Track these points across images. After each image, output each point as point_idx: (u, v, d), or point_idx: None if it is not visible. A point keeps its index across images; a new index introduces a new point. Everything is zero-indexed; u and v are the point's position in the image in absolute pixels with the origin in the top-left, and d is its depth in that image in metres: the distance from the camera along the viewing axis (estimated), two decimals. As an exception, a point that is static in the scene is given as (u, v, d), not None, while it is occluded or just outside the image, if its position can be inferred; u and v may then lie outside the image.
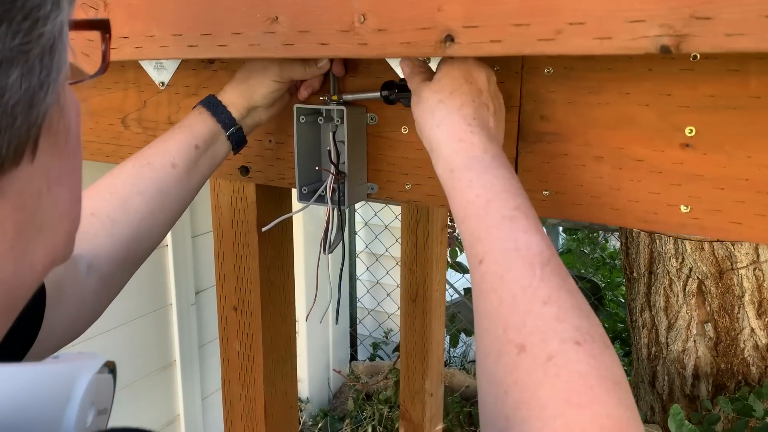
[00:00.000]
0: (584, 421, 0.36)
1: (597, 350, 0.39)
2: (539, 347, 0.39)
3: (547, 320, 0.40)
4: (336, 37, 0.51)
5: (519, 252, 0.44)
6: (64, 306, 0.53)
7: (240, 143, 0.72)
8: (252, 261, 0.98)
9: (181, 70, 0.90)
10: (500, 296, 0.43)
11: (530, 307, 0.41)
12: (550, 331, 0.40)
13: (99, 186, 0.62)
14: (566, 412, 0.36)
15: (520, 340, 0.40)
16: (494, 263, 0.45)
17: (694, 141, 0.60)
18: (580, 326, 0.40)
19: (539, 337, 0.40)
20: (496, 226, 0.46)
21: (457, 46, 0.47)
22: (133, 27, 0.64)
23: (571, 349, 0.39)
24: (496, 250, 0.45)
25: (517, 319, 0.41)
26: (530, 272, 0.43)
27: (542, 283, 0.42)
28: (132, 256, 0.62)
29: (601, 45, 0.41)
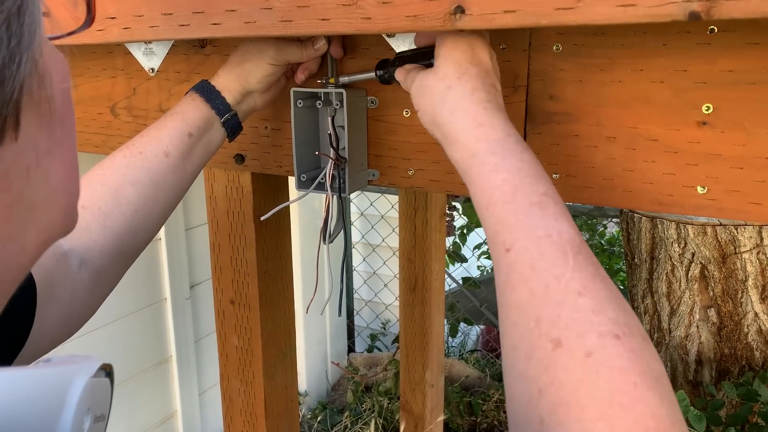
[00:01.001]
0: (628, 423, 0.33)
1: (636, 344, 0.36)
2: (576, 342, 0.36)
3: (583, 313, 0.37)
4: (337, 11, 0.48)
5: (550, 239, 0.41)
6: (56, 303, 0.51)
7: (235, 130, 0.69)
8: (249, 252, 0.95)
9: (172, 56, 0.87)
10: (531, 287, 0.40)
11: (564, 298, 0.38)
12: (587, 324, 0.37)
13: (89, 177, 0.59)
14: (609, 413, 0.33)
15: (555, 335, 0.37)
16: (524, 251, 0.41)
17: (711, 118, 0.57)
18: (617, 319, 0.37)
19: (576, 331, 0.37)
20: (525, 212, 0.43)
21: (468, 18, 0.44)
22: (120, 6, 0.60)
23: (610, 343, 0.36)
24: (525, 237, 0.42)
25: (551, 311, 0.38)
26: (563, 260, 0.40)
27: (575, 273, 0.39)
28: (126, 249, 0.59)
29: (625, 12, 0.39)
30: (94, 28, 0.63)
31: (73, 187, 0.31)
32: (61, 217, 0.31)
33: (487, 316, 2.51)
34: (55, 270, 0.51)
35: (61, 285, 0.51)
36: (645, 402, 0.33)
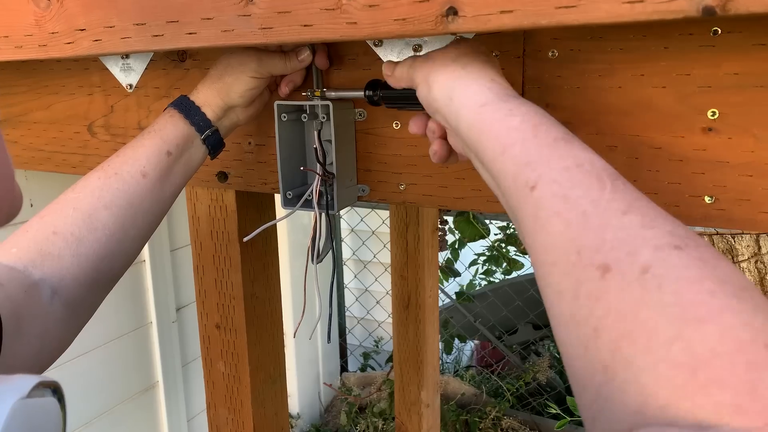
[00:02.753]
0: (712, 339, 0.26)
1: (707, 254, 0.30)
2: (628, 261, 0.30)
3: (632, 230, 0.31)
4: (321, 16, 0.45)
5: (582, 167, 0.36)
6: (26, 338, 0.46)
7: (217, 147, 0.66)
8: (234, 275, 0.91)
9: (150, 71, 0.83)
10: (566, 218, 0.34)
11: (607, 220, 0.32)
12: (638, 239, 0.31)
13: (61, 201, 0.55)
14: (684, 331, 0.27)
15: (601, 260, 0.31)
16: (552, 183, 0.36)
17: (717, 124, 0.54)
18: (675, 231, 0.31)
19: (625, 249, 0.30)
20: (550, 145, 0.38)
21: (461, 20, 0.41)
22: (90, 17, 0.57)
23: (671, 254, 0.29)
24: (553, 169, 0.37)
25: (593, 236, 0.32)
26: (599, 186, 0.34)
27: (616, 194, 0.33)
28: (102, 277, 0.55)
29: (632, 9, 0.36)
30: (62, 41, 0.60)
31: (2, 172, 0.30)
32: None
33: (482, 331, 2.47)
34: (23, 302, 0.47)
35: (30, 318, 0.47)
36: (731, 310, 0.27)
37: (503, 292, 2.40)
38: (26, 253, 0.50)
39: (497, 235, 2.25)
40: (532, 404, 2.37)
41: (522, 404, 2.40)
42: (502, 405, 2.28)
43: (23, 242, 0.51)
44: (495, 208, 0.66)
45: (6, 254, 0.49)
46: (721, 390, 0.25)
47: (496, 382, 2.46)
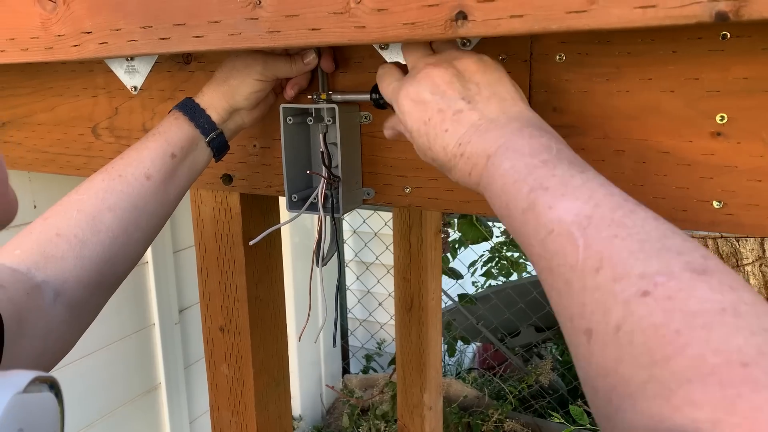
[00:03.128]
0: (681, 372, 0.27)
1: (677, 286, 0.31)
2: (604, 323, 0.32)
3: (605, 287, 0.33)
4: (329, 20, 0.45)
5: (552, 233, 0.37)
6: (28, 340, 0.46)
7: (222, 149, 0.66)
8: (238, 277, 0.90)
9: (155, 73, 0.83)
10: (557, 289, 0.36)
11: (584, 283, 0.34)
12: (610, 298, 0.32)
13: (65, 203, 0.55)
14: (654, 372, 0.28)
15: (585, 325, 0.33)
16: (540, 258, 0.38)
17: (726, 129, 0.54)
18: (645, 272, 0.32)
19: (601, 311, 0.33)
20: (522, 222, 0.40)
21: (471, 24, 0.40)
22: (96, 20, 0.57)
23: (637, 305, 0.31)
24: (534, 245, 0.39)
25: (577, 303, 0.34)
26: (573, 246, 0.36)
27: (588, 250, 0.35)
28: (105, 279, 0.55)
29: (644, 15, 0.35)
30: (68, 44, 0.60)
31: None
32: None
33: (485, 333, 2.46)
34: (26, 304, 0.46)
35: (33, 320, 0.47)
36: (698, 341, 0.28)
37: (506, 295, 2.39)
38: (29, 255, 0.50)
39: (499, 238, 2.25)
40: (534, 407, 2.37)
41: (524, 407, 2.40)
42: (505, 407, 2.28)
43: (27, 244, 0.51)
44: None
45: (9, 256, 0.49)
46: (696, 410, 0.26)
47: (499, 384, 2.46)
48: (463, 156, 0.47)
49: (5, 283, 0.46)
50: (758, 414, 0.24)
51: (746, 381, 0.25)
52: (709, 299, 0.30)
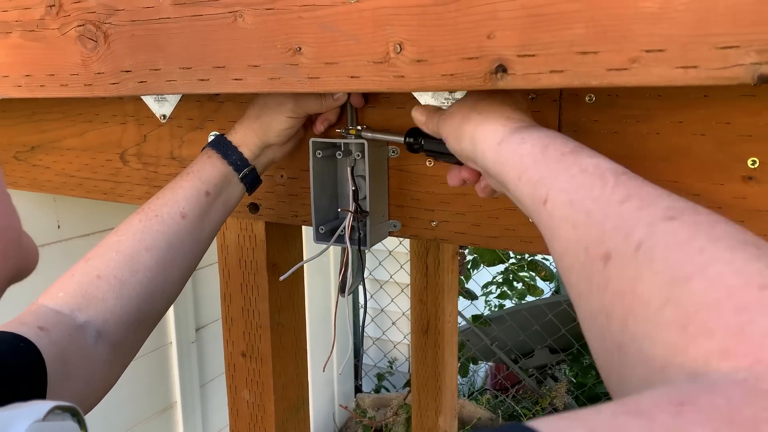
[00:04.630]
0: (698, 292, 0.27)
1: (704, 218, 0.31)
2: (623, 244, 0.31)
3: (628, 214, 0.33)
4: (368, 69, 0.46)
5: (586, 172, 0.38)
6: (71, 381, 0.47)
7: (254, 184, 0.67)
8: (261, 303, 0.91)
9: (184, 102, 0.85)
10: (573, 221, 0.36)
11: (606, 213, 0.34)
12: (633, 221, 0.32)
13: (105, 245, 0.57)
14: (672, 293, 0.28)
15: (603, 250, 0.33)
16: (560, 193, 0.38)
17: (757, 173, 0.54)
18: (673, 205, 0.32)
19: (621, 234, 0.32)
20: (558, 160, 0.40)
21: (511, 77, 0.41)
22: (135, 59, 0.58)
23: (663, 226, 0.31)
24: (560, 180, 0.39)
25: (596, 231, 0.34)
26: (602, 183, 0.36)
27: (617, 188, 0.35)
28: (144, 317, 0.56)
29: (685, 75, 0.36)
30: (107, 81, 0.61)
31: (3, 223, 0.30)
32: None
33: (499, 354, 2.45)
34: (69, 346, 0.48)
35: (76, 361, 0.48)
36: (721, 261, 0.27)
37: (520, 316, 2.38)
38: (72, 298, 0.51)
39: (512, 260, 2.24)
40: (548, 430, 2.34)
41: (538, 429, 2.37)
42: (518, 430, 2.25)
43: (69, 286, 0.52)
44: (528, 248, 0.66)
45: (53, 299, 0.51)
46: (708, 338, 0.25)
47: (512, 406, 2.44)
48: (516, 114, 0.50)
49: (49, 326, 0.47)
50: (766, 340, 0.24)
51: (761, 305, 0.25)
52: (734, 231, 0.30)
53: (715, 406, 0.22)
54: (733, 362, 0.24)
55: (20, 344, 0.44)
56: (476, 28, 0.41)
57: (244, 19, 0.50)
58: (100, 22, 0.59)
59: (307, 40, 0.48)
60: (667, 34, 0.36)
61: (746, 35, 0.34)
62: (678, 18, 0.35)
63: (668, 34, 0.36)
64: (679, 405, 0.22)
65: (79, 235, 1.35)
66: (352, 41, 0.46)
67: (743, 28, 0.34)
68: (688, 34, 0.36)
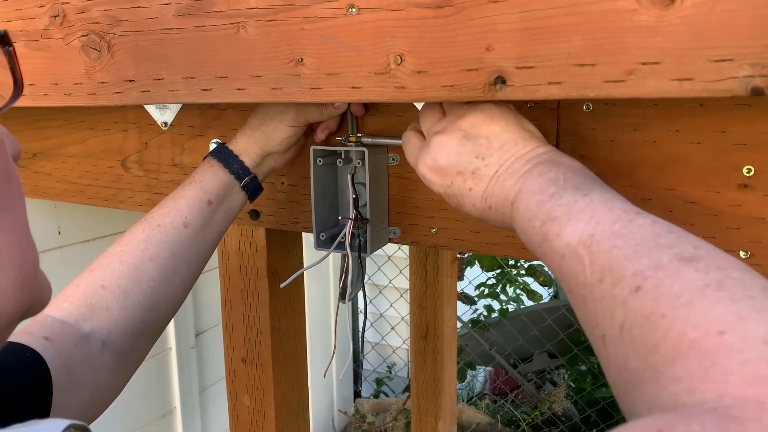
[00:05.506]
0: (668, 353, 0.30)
1: (664, 274, 0.33)
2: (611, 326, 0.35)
3: (608, 294, 0.36)
4: (369, 79, 0.47)
5: (564, 259, 0.40)
6: (77, 390, 0.48)
7: (256, 192, 0.68)
8: (262, 309, 0.92)
9: (186, 110, 0.85)
10: (577, 306, 0.40)
11: (593, 295, 0.38)
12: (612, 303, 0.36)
13: (108, 255, 0.57)
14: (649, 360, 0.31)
15: (600, 332, 0.37)
16: (563, 283, 0.42)
17: (753, 181, 0.55)
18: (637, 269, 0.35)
19: (609, 315, 0.36)
20: (540, 251, 0.44)
21: (510, 89, 0.42)
22: (139, 69, 0.59)
23: (632, 301, 0.34)
24: (555, 272, 0.42)
25: (591, 314, 0.38)
26: (581, 267, 0.39)
27: (593, 266, 0.38)
28: (148, 326, 0.57)
29: (680, 87, 0.37)
30: (111, 91, 0.62)
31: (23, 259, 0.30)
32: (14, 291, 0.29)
33: (497, 359, 2.45)
34: (74, 355, 0.48)
35: (81, 371, 0.49)
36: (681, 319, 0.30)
37: (519, 321, 2.39)
38: (77, 308, 0.52)
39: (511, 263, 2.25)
40: (547, 435, 2.34)
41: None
42: (518, 435, 2.26)
43: (74, 297, 0.53)
44: (527, 255, 0.67)
45: (58, 309, 0.51)
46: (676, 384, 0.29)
47: (511, 411, 2.44)
48: (491, 208, 0.50)
49: (54, 336, 0.47)
50: (729, 377, 0.27)
51: (721, 349, 0.28)
52: (693, 279, 0.33)
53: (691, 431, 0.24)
54: (698, 397, 0.27)
55: (26, 355, 0.45)
56: (476, 41, 0.42)
57: (246, 31, 0.51)
58: (104, 33, 0.59)
59: (308, 51, 0.49)
60: (662, 47, 0.37)
61: (740, 49, 0.35)
62: (673, 32, 0.36)
63: (664, 47, 0.37)
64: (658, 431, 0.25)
65: (79, 241, 1.36)
66: (354, 52, 0.47)
67: (737, 42, 0.35)
68: (683, 47, 0.36)
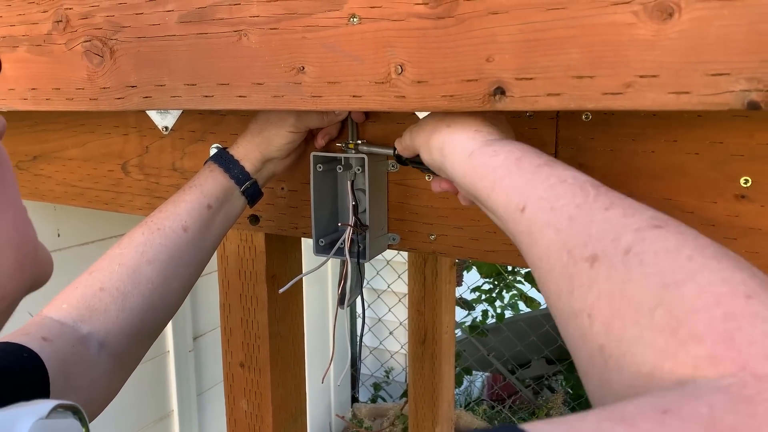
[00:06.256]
0: (690, 298, 0.27)
1: (687, 230, 0.32)
2: (612, 247, 0.32)
3: (614, 220, 0.34)
4: (370, 89, 0.47)
5: (565, 182, 0.39)
6: (74, 391, 0.48)
7: (255, 197, 0.68)
8: (260, 314, 0.92)
9: (186, 115, 0.86)
10: (555, 226, 0.37)
11: (591, 217, 0.35)
12: (620, 227, 0.33)
13: (108, 257, 0.58)
14: (664, 297, 0.28)
15: (589, 252, 0.33)
16: (539, 200, 0.39)
17: (750, 192, 0.55)
18: (656, 216, 0.33)
19: (609, 238, 0.33)
20: (533, 171, 0.41)
21: (509, 99, 0.42)
22: (141, 75, 0.59)
23: (651, 233, 0.31)
24: (538, 189, 0.40)
25: (580, 234, 0.35)
26: (583, 193, 0.37)
27: (599, 197, 0.36)
28: (146, 328, 0.57)
29: (677, 100, 0.37)
30: (113, 96, 0.62)
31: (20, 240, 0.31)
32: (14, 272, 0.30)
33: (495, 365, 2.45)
34: (71, 357, 0.49)
35: (78, 372, 0.49)
36: (709, 269, 0.28)
37: (517, 327, 2.39)
38: (75, 309, 0.52)
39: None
40: (544, 441, 2.34)
41: (534, 440, 2.37)
42: (515, 441, 2.25)
43: (73, 299, 0.53)
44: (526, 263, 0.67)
45: (57, 310, 0.52)
46: (698, 344, 0.26)
47: (508, 416, 2.44)
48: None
49: (52, 336, 0.48)
50: (752, 348, 0.25)
51: (747, 313, 0.26)
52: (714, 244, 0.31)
53: (698, 414, 0.23)
54: (720, 369, 0.25)
55: (24, 354, 0.45)
56: (476, 52, 0.42)
57: (248, 38, 0.51)
58: (106, 39, 0.60)
59: (310, 60, 0.49)
60: (660, 60, 0.37)
61: (736, 63, 0.35)
62: (671, 46, 0.37)
63: (661, 60, 0.37)
64: (663, 413, 0.23)
65: (78, 244, 1.36)
66: (354, 62, 0.47)
67: (733, 57, 0.35)
68: (680, 61, 0.37)
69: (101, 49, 0.60)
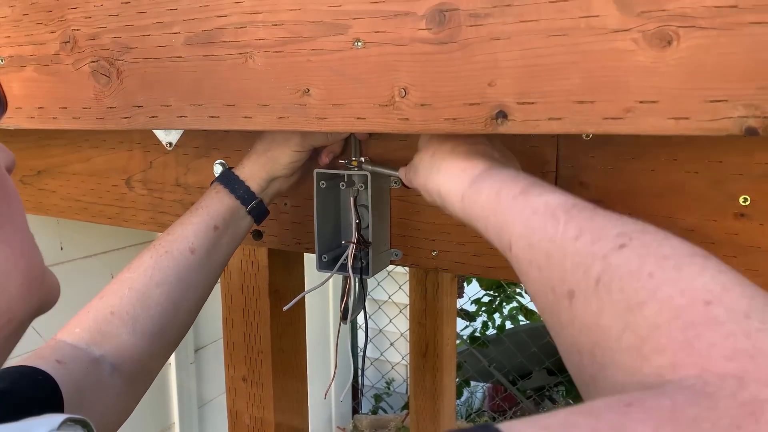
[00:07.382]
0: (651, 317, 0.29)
1: (649, 237, 0.33)
2: (584, 279, 0.33)
3: (584, 250, 0.35)
4: (374, 111, 0.48)
5: (537, 213, 0.40)
6: (87, 412, 0.49)
7: (262, 215, 0.69)
8: (263, 328, 0.92)
9: (191, 131, 0.87)
10: (537, 264, 0.38)
11: (564, 251, 0.36)
12: (589, 257, 0.34)
13: (118, 281, 0.59)
14: (629, 320, 0.30)
15: (567, 288, 0.35)
16: (519, 237, 0.40)
17: (749, 210, 0.56)
18: (622, 232, 0.34)
19: (582, 270, 0.34)
20: (510, 205, 0.43)
21: (511, 123, 0.43)
22: (147, 95, 0.60)
23: (615, 257, 0.33)
24: (517, 225, 0.41)
25: (558, 271, 0.36)
26: (554, 222, 0.38)
27: (569, 224, 0.37)
28: (157, 350, 0.59)
29: (677, 125, 0.38)
30: (119, 116, 0.63)
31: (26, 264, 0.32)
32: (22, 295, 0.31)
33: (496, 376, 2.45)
34: (84, 379, 0.50)
35: (92, 394, 0.50)
36: (669, 283, 0.30)
37: (518, 338, 2.39)
38: (88, 333, 0.54)
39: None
40: (546, 452, 2.33)
41: (536, 452, 2.36)
42: (516, 453, 2.24)
43: (85, 322, 0.55)
44: (527, 279, 0.68)
45: (70, 334, 0.53)
46: (660, 355, 0.28)
47: (510, 428, 2.43)
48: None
49: (66, 359, 0.49)
50: (712, 350, 0.26)
51: (706, 320, 0.27)
52: (681, 246, 0.32)
53: (660, 406, 0.24)
54: (682, 373, 0.26)
55: (39, 377, 0.46)
56: (478, 76, 0.43)
57: (254, 61, 0.52)
58: (113, 59, 0.61)
59: (315, 83, 0.50)
60: (659, 86, 0.38)
61: (734, 90, 0.36)
62: (670, 72, 0.38)
63: (661, 86, 0.38)
64: (627, 406, 0.24)
65: (81, 257, 1.37)
66: (359, 85, 0.48)
67: (731, 84, 0.36)
68: (679, 87, 0.38)
69: (108, 69, 0.61)
